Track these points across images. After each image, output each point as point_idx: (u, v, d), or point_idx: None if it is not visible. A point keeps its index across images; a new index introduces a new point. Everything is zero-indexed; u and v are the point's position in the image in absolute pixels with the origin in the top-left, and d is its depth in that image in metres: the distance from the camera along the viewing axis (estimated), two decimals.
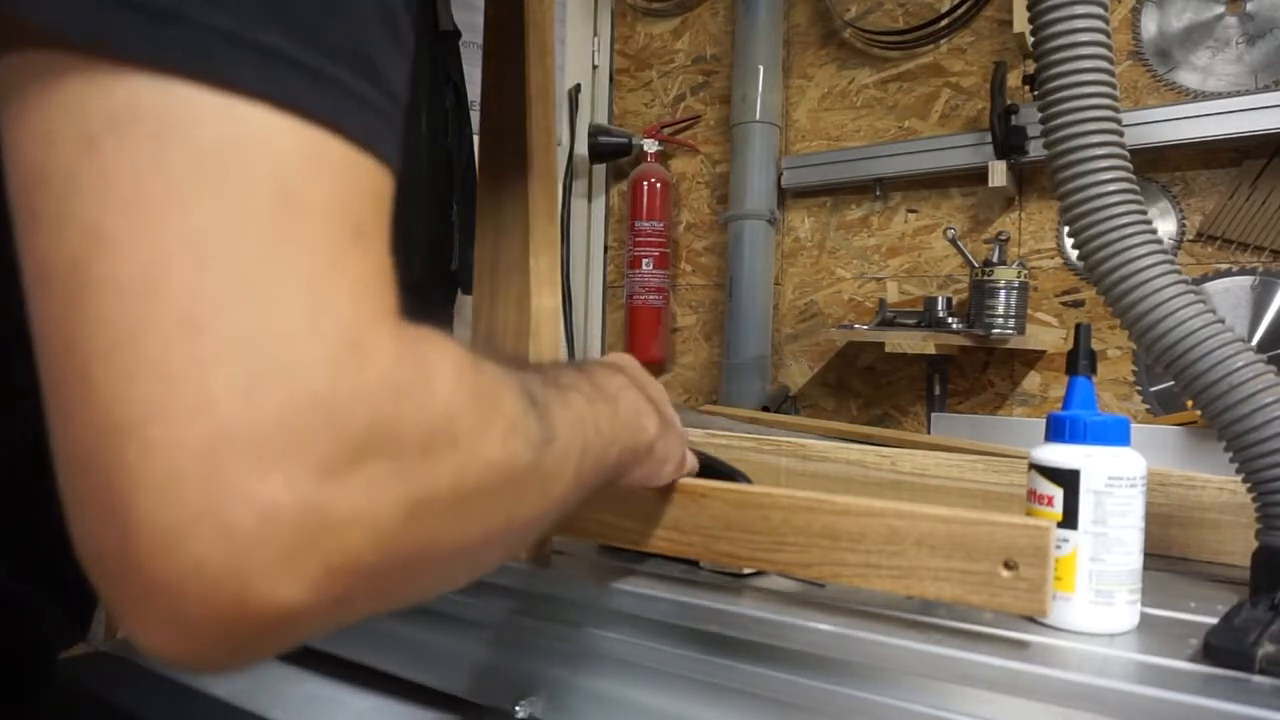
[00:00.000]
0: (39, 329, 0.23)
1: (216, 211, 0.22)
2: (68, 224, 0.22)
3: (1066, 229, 0.64)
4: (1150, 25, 1.44)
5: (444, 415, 0.26)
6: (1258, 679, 0.46)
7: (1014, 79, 1.52)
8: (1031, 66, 0.92)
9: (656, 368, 1.98)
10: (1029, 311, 1.47)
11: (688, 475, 0.59)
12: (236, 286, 0.22)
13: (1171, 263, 0.60)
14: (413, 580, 0.28)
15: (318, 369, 0.23)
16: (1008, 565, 0.48)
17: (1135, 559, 0.54)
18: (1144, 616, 0.56)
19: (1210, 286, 1.38)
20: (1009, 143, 1.46)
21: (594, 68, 2.06)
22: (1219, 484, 0.72)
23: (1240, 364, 0.57)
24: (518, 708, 0.62)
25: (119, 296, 0.22)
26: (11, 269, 0.23)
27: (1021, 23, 1.41)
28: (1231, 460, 0.60)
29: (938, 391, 1.60)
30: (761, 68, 1.74)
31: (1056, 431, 0.57)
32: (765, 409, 1.64)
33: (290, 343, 0.22)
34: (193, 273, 0.22)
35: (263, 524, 0.22)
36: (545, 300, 0.66)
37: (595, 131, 1.96)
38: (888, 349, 1.48)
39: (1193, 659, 0.49)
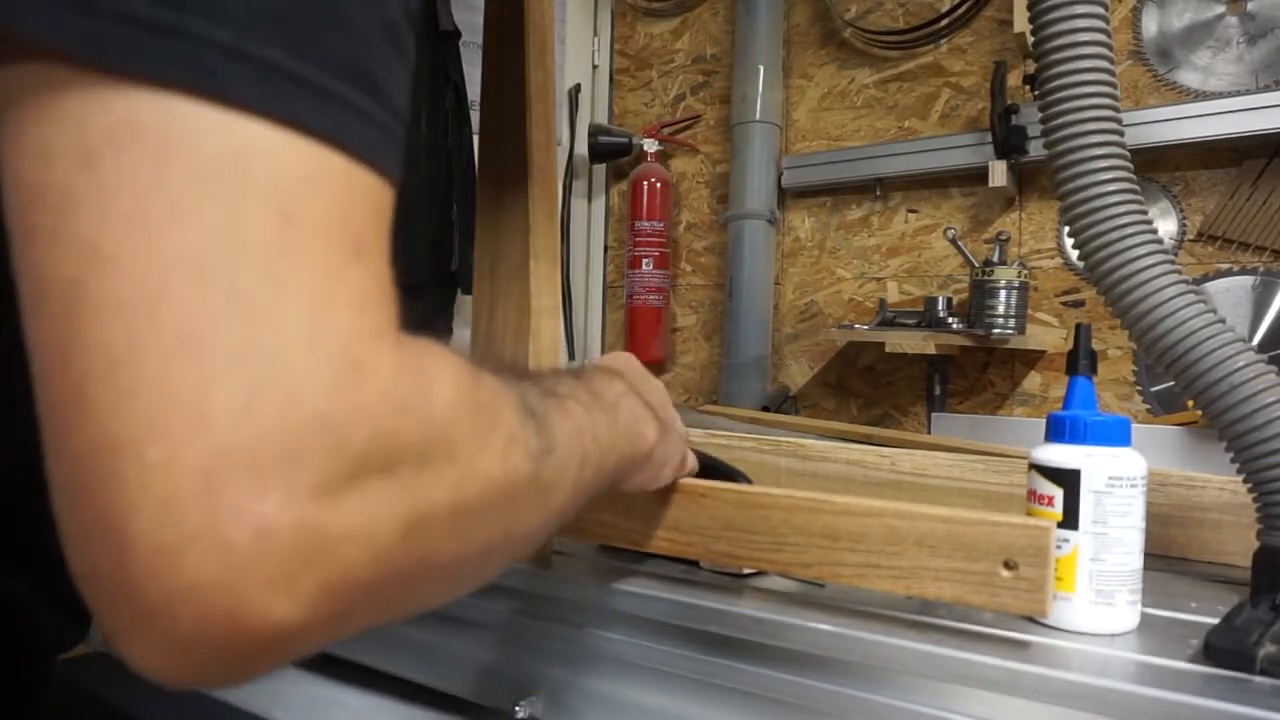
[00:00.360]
0: (35, 346, 0.23)
1: (216, 228, 0.22)
2: (65, 241, 0.22)
3: (1067, 229, 0.64)
4: (1151, 25, 1.44)
5: (443, 429, 0.26)
6: (1258, 679, 0.46)
7: (1014, 79, 1.52)
8: (1032, 66, 0.92)
9: (656, 368, 1.98)
10: (1029, 311, 1.47)
11: (687, 475, 0.59)
12: (237, 303, 0.22)
13: (1172, 263, 0.60)
14: (412, 594, 0.28)
15: (317, 387, 0.23)
16: (1008, 565, 0.48)
17: (1135, 559, 0.54)
18: (1144, 616, 0.56)
19: (1211, 286, 1.38)
20: (1009, 143, 1.46)
21: (594, 68, 2.06)
22: (1219, 484, 0.72)
23: (1241, 364, 0.57)
24: (518, 708, 0.62)
25: (118, 314, 0.21)
26: (11, 281, 0.23)
27: (1022, 22, 1.41)
28: (1232, 460, 0.59)
29: (938, 391, 1.60)
30: (761, 68, 1.74)
31: (1057, 431, 0.57)
32: (765, 409, 1.64)
33: (290, 360, 0.22)
34: (193, 290, 0.22)
35: (259, 542, 0.21)
36: (545, 300, 0.66)
37: (595, 131, 1.96)
38: (888, 349, 1.48)
39: (1193, 659, 0.49)
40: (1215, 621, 0.52)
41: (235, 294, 0.22)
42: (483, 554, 0.30)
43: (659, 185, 1.87)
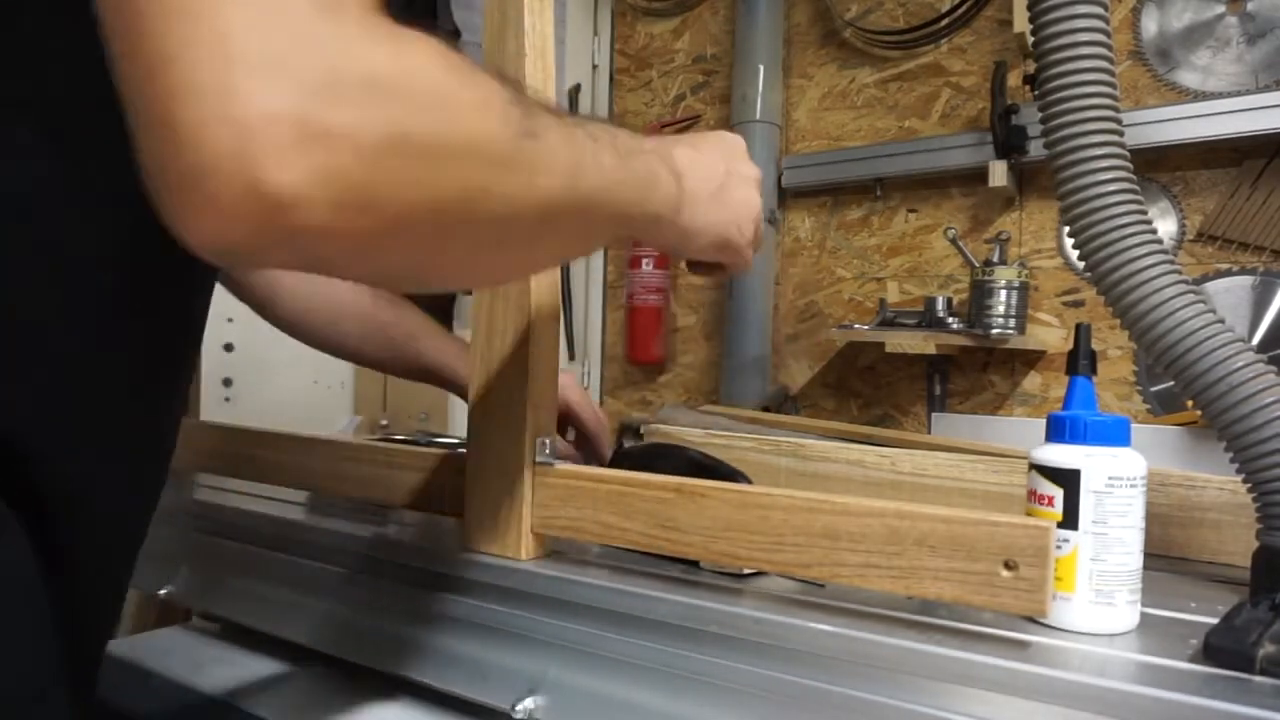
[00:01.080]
0: (106, 13, 0.29)
1: None
2: None
3: (1067, 229, 0.64)
4: (1151, 25, 1.45)
5: (417, 69, 0.31)
6: (1258, 679, 0.46)
7: (1014, 79, 1.52)
8: (1031, 66, 0.92)
9: (657, 367, 1.98)
10: (1029, 311, 1.47)
11: (740, 260, 0.61)
12: None
13: (1171, 263, 0.60)
14: (403, 221, 0.32)
15: (301, 10, 0.28)
16: (1008, 565, 0.48)
17: (1135, 559, 0.54)
18: (1144, 616, 0.56)
19: (1210, 286, 1.38)
20: (1009, 142, 1.46)
21: (594, 68, 2.06)
22: (1219, 484, 0.72)
23: (1240, 364, 0.57)
24: (518, 708, 0.62)
25: None
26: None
27: (1021, 22, 1.41)
28: (1232, 460, 0.59)
29: (938, 391, 1.60)
30: (761, 67, 1.74)
31: (1057, 431, 0.57)
32: (765, 409, 1.64)
33: None
34: None
35: (266, 122, 0.27)
36: (544, 300, 0.66)
37: None
38: (888, 349, 1.48)
39: (1193, 659, 0.49)
40: (1215, 621, 0.52)
41: None
42: (461, 202, 0.33)
43: None
